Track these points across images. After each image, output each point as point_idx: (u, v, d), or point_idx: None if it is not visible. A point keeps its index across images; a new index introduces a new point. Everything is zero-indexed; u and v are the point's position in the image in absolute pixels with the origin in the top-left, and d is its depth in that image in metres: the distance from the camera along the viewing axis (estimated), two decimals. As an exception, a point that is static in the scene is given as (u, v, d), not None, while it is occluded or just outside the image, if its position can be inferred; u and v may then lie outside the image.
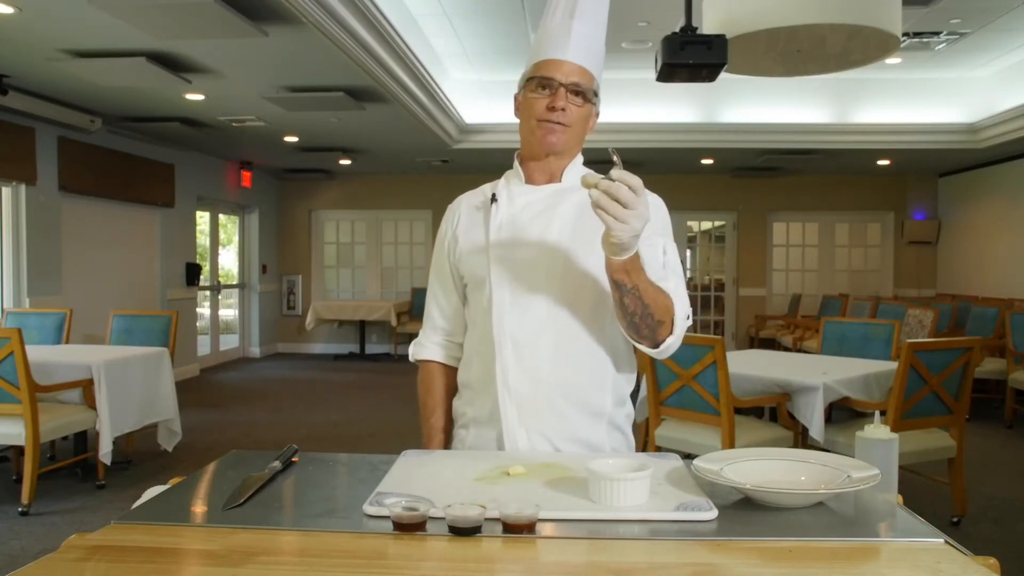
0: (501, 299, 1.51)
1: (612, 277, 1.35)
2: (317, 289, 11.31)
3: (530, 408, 1.50)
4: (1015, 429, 6.06)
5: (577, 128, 1.56)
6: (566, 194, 1.56)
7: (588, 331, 1.51)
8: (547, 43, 1.55)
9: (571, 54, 1.52)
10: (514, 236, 1.54)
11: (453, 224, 1.65)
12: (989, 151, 8.28)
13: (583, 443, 1.51)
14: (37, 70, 5.29)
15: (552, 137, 1.55)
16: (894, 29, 3.58)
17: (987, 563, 0.94)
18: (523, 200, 1.58)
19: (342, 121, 7.06)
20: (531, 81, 1.56)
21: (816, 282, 10.94)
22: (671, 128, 8.03)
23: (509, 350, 1.50)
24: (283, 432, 6.01)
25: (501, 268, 1.52)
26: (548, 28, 1.56)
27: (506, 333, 1.50)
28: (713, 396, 3.48)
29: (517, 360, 1.49)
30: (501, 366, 1.50)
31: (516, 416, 1.50)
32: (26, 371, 3.82)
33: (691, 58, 3.66)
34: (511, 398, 1.50)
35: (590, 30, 1.55)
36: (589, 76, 1.53)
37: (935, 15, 6.01)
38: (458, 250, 1.61)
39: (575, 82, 1.51)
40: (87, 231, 7.18)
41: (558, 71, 1.52)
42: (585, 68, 1.53)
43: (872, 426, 1.29)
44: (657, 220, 1.50)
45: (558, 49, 1.53)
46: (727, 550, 0.99)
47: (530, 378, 1.49)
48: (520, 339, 1.50)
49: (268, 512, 1.14)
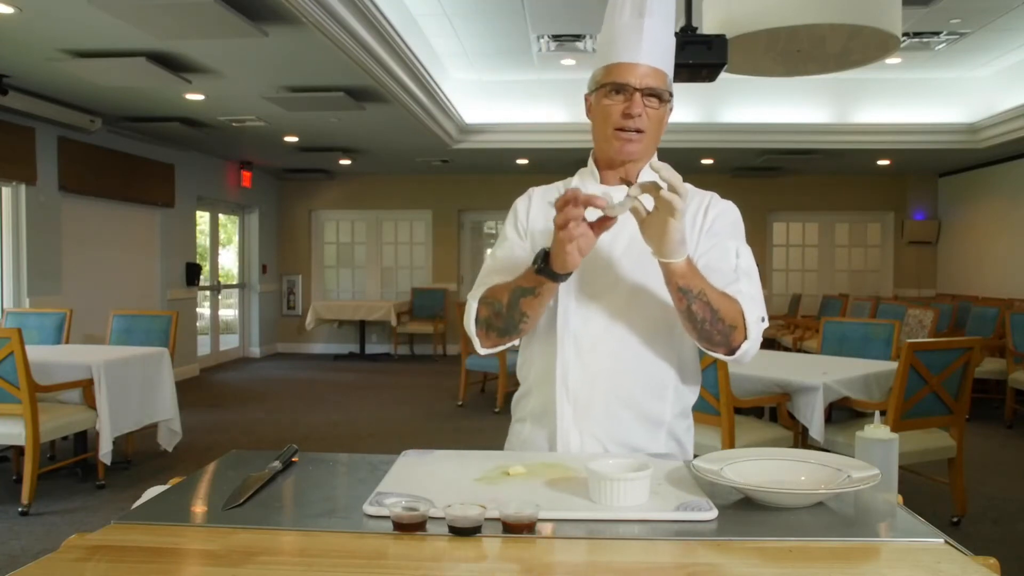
0: (567, 300, 1.50)
1: (677, 285, 1.34)
2: (317, 289, 11.31)
3: (586, 410, 1.49)
4: (1015, 429, 6.06)
5: (653, 132, 1.51)
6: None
7: (652, 339, 1.50)
8: (618, 44, 1.48)
9: (644, 55, 1.46)
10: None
11: (525, 216, 1.62)
12: (989, 151, 8.28)
13: (638, 451, 1.49)
14: (37, 70, 5.30)
15: (630, 147, 1.50)
16: (894, 29, 3.58)
17: (987, 563, 0.94)
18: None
19: (342, 121, 7.06)
20: (604, 87, 1.49)
21: (816, 282, 10.94)
22: (671, 128, 7.86)
23: (571, 351, 1.49)
24: (283, 432, 6.01)
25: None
26: (616, 28, 1.49)
27: (569, 333, 1.50)
28: (713, 396, 3.48)
29: (577, 361, 1.49)
30: (562, 365, 1.50)
31: (572, 416, 1.50)
32: (26, 371, 3.82)
33: (691, 58, 3.66)
34: (568, 397, 1.50)
35: (661, 27, 1.48)
36: (663, 76, 1.48)
37: (935, 15, 6.01)
38: (533, 238, 1.58)
39: (650, 85, 1.46)
40: (87, 231, 7.18)
41: (632, 75, 1.46)
42: (660, 69, 1.48)
43: (872, 426, 1.29)
44: (729, 224, 1.52)
45: (629, 51, 1.46)
46: (727, 550, 0.99)
47: (589, 380, 1.49)
48: (582, 341, 1.49)
49: (268, 512, 1.14)
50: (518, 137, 8.35)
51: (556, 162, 9.07)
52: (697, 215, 1.53)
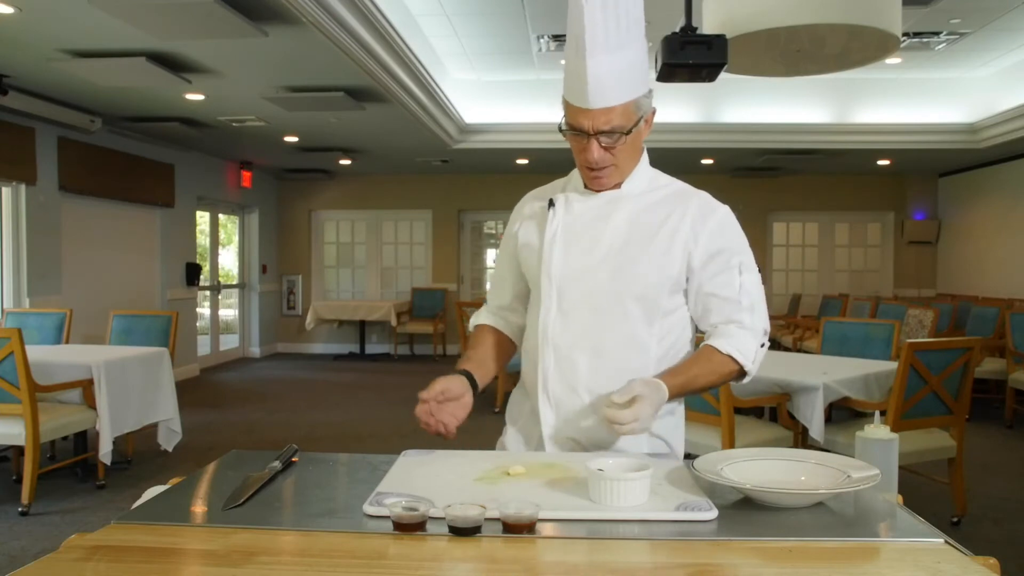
0: (548, 307, 1.52)
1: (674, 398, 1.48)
2: (317, 289, 11.31)
3: (566, 415, 1.51)
4: (1015, 429, 6.06)
5: (625, 155, 1.49)
6: (622, 202, 1.53)
7: (631, 342, 1.50)
8: (569, 85, 1.45)
9: (592, 100, 1.41)
10: (566, 245, 1.53)
11: (517, 222, 1.66)
12: (989, 151, 8.28)
13: (620, 452, 1.50)
14: (37, 70, 5.29)
15: (601, 182, 1.52)
16: (894, 29, 3.58)
17: (987, 563, 0.94)
18: (579, 208, 1.55)
19: (342, 121, 7.06)
20: (567, 128, 1.49)
21: (816, 282, 10.94)
22: (671, 128, 8.03)
23: (551, 357, 1.51)
24: (283, 432, 6.01)
25: (550, 276, 1.52)
26: (568, 67, 1.45)
27: (548, 340, 1.51)
28: (713, 396, 3.48)
29: (556, 367, 1.51)
30: (543, 372, 1.52)
31: (554, 421, 1.52)
32: (26, 371, 3.82)
33: (691, 58, 3.66)
34: (550, 403, 1.51)
35: (607, 62, 1.39)
36: (621, 110, 1.42)
37: (935, 15, 6.01)
38: (518, 250, 1.63)
39: (603, 129, 1.43)
40: (87, 231, 7.18)
41: (586, 119, 1.43)
42: (614, 107, 1.41)
43: (872, 426, 1.29)
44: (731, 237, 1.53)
45: (579, 97, 1.43)
46: (727, 550, 0.99)
47: (568, 386, 1.51)
48: (561, 348, 1.51)
49: (268, 512, 1.14)
50: (518, 137, 8.35)
51: (556, 162, 9.08)
52: (696, 224, 1.50)
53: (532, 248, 1.59)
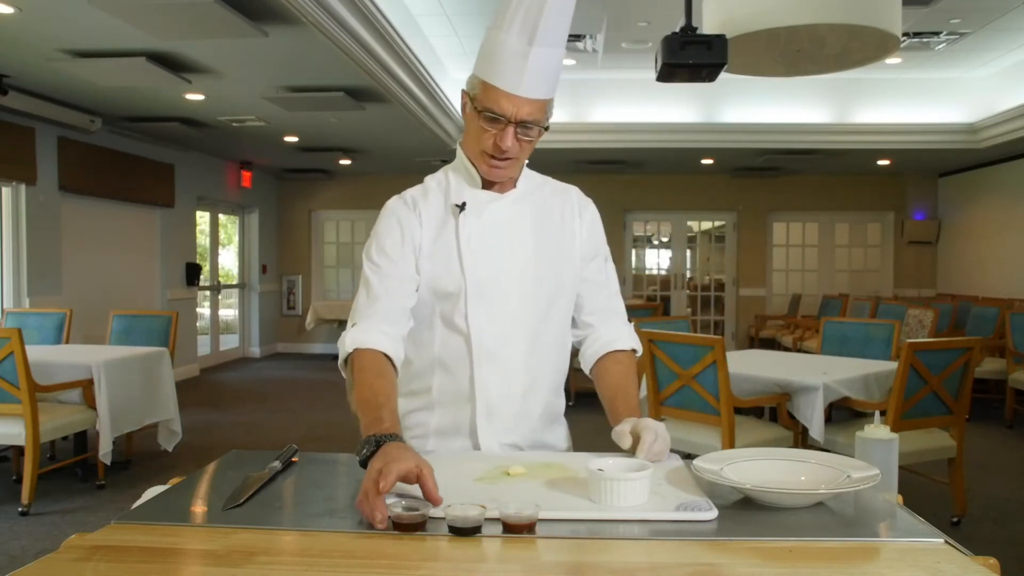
0: (477, 313, 1.49)
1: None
2: (317, 289, 11.31)
3: (501, 418, 1.52)
4: (1015, 429, 6.06)
5: (526, 152, 1.48)
6: (523, 201, 1.56)
7: (552, 339, 1.57)
8: (500, 67, 1.39)
9: (525, 88, 1.38)
10: (486, 249, 1.51)
11: (416, 227, 1.55)
12: (989, 151, 8.28)
13: (546, 446, 1.57)
14: (37, 70, 5.29)
15: (498, 172, 1.49)
16: (894, 29, 3.58)
17: (987, 563, 0.93)
18: (490, 210, 1.53)
19: (342, 121, 7.06)
20: (481, 111, 1.41)
21: (816, 282, 10.94)
22: (671, 128, 8.03)
23: (485, 363, 1.50)
24: (283, 432, 6.01)
25: (475, 282, 1.49)
26: (502, 47, 1.38)
27: (483, 347, 1.50)
28: (713, 396, 3.48)
29: (492, 372, 1.51)
30: (480, 379, 1.50)
31: (489, 427, 1.51)
32: (26, 371, 3.82)
33: (691, 58, 3.66)
34: (486, 409, 1.51)
35: (550, 55, 1.39)
36: (543, 105, 1.42)
37: (935, 15, 6.01)
38: (425, 257, 1.52)
39: (526, 120, 1.40)
40: (87, 231, 7.18)
41: (510, 105, 1.39)
42: (540, 100, 1.41)
43: (872, 426, 1.29)
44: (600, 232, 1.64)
45: (510, 80, 1.38)
46: (727, 550, 0.99)
47: (504, 390, 1.51)
48: (495, 352, 1.51)
49: (268, 512, 1.14)
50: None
51: (556, 162, 9.08)
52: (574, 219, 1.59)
53: (448, 255, 1.50)
